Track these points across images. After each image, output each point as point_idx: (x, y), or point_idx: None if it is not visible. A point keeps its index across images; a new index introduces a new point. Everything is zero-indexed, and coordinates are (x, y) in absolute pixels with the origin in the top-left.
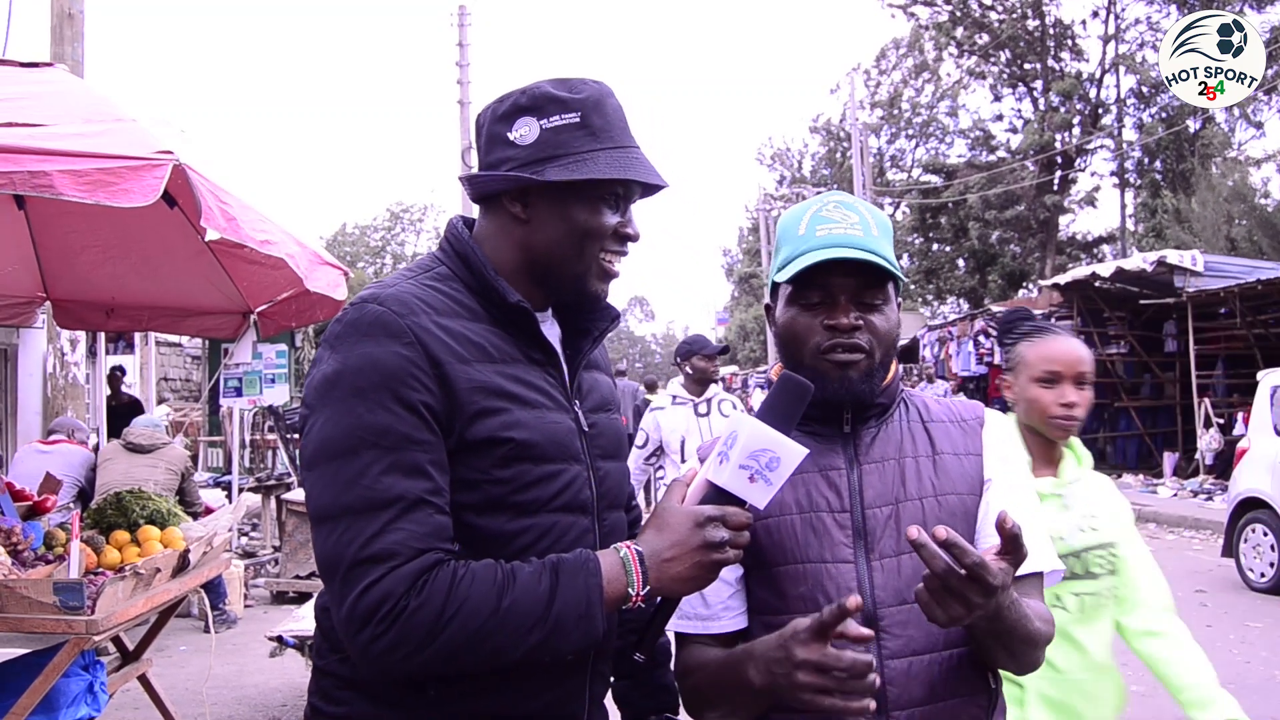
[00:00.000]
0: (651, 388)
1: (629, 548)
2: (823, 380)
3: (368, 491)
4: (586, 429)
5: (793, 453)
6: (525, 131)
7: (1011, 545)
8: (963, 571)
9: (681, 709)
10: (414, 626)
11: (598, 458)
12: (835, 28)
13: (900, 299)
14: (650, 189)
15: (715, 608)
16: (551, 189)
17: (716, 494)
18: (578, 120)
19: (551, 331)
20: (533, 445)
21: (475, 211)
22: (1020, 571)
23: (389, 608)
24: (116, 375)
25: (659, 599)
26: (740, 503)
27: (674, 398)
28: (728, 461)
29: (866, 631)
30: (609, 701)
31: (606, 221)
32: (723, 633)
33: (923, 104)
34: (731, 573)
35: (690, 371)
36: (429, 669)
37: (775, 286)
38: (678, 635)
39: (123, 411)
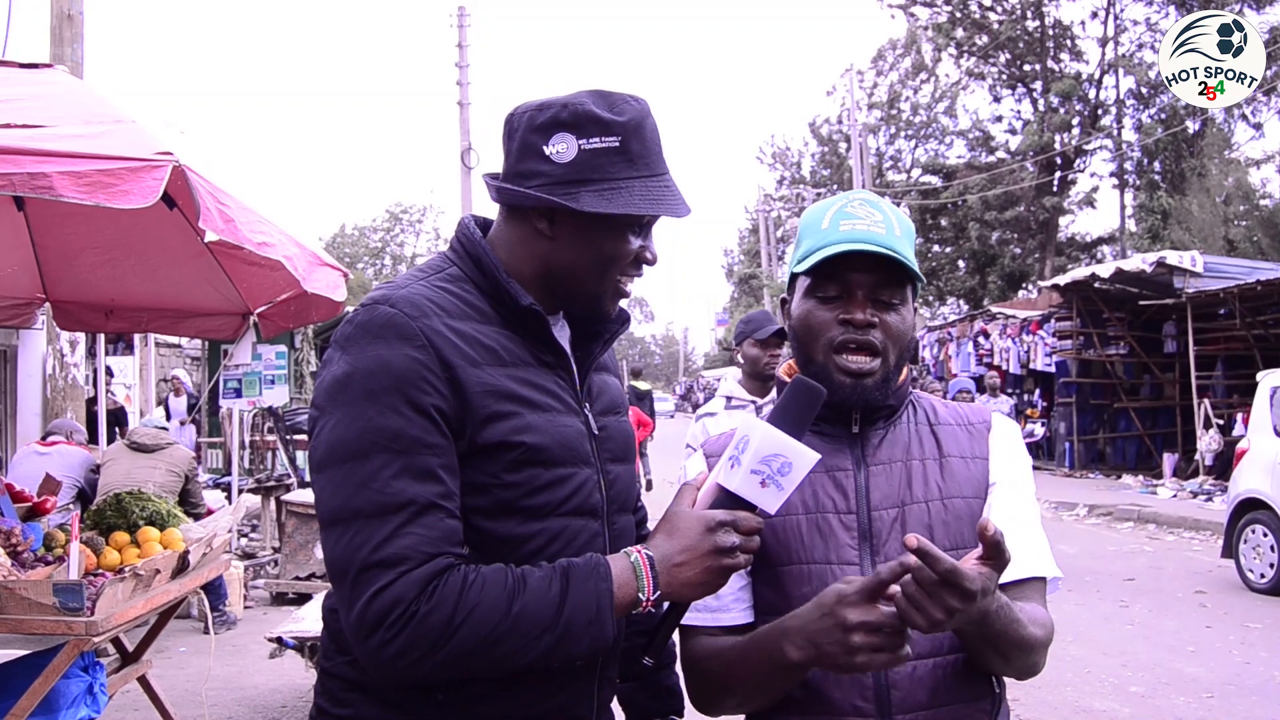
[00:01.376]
0: (636, 375)
1: (639, 552)
2: (834, 385)
3: (379, 495)
4: (596, 432)
5: (805, 458)
6: (562, 149)
7: (993, 551)
8: (936, 577)
9: (688, 707)
10: (424, 631)
11: (607, 461)
12: (838, 28)
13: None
14: None
15: (726, 599)
16: (582, 214)
17: (727, 498)
18: (617, 145)
19: (562, 334)
20: (543, 449)
21: (477, 209)
22: (1021, 575)
23: (399, 613)
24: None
25: (667, 603)
26: (751, 507)
27: (728, 399)
28: (739, 466)
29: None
30: (614, 704)
31: (630, 248)
32: (733, 625)
33: (921, 104)
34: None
35: (742, 361)
36: (439, 674)
37: (793, 280)
38: (684, 628)
39: (108, 419)
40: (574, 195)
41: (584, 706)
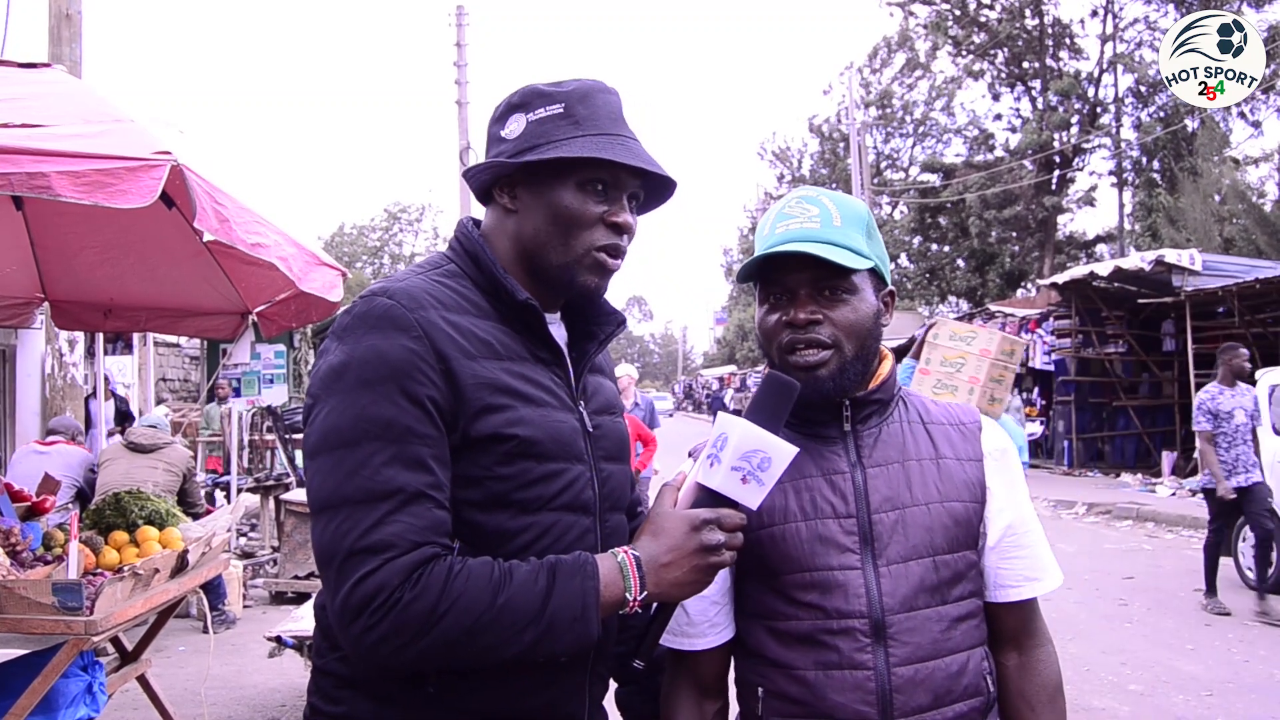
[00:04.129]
0: None
1: (626, 553)
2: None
3: (368, 482)
4: (590, 430)
5: (783, 452)
6: (514, 127)
7: None
8: None
9: None
10: (407, 619)
11: (601, 459)
12: (838, 27)
13: (883, 294)
14: (656, 195)
15: (700, 625)
16: (534, 177)
17: (709, 497)
18: (560, 111)
19: (558, 333)
20: (536, 443)
21: (475, 208)
22: (1021, 596)
23: (383, 599)
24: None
25: (655, 605)
26: (733, 505)
27: None
28: (719, 464)
29: None
30: (610, 704)
31: (590, 209)
32: (705, 649)
33: (916, 102)
34: (717, 587)
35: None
36: (421, 662)
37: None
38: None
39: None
40: (518, 158)
41: (575, 702)
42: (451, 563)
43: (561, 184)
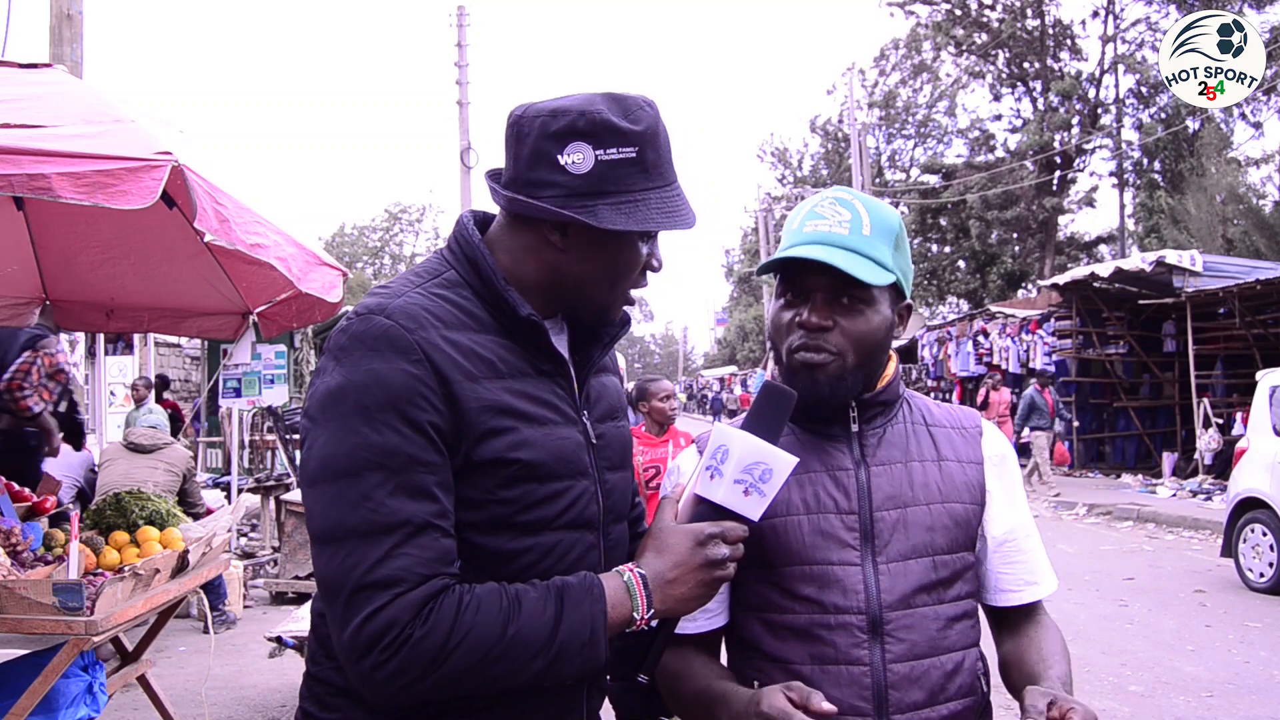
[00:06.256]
0: None
1: (632, 571)
2: (793, 379)
3: (372, 514)
4: (595, 440)
5: (785, 463)
6: (579, 159)
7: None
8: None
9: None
10: (418, 655)
11: (605, 470)
12: (839, 27)
13: (900, 306)
14: None
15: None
16: (599, 229)
17: (710, 510)
18: (634, 156)
19: (560, 339)
20: (539, 465)
21: (476, 209)
22: (1023, 600)
23: (393, 636)
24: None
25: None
26: (735, 516)
27: None
28: (721, 477)
29: (829, 708)
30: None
31: (640, 257)
32: (700, 633)
33: (920, 104)
34: None
35: None
36: (432, 695)
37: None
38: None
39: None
40: (591, 209)
41: (574, 715)
42: (461, 594)
43: (624, 239)
